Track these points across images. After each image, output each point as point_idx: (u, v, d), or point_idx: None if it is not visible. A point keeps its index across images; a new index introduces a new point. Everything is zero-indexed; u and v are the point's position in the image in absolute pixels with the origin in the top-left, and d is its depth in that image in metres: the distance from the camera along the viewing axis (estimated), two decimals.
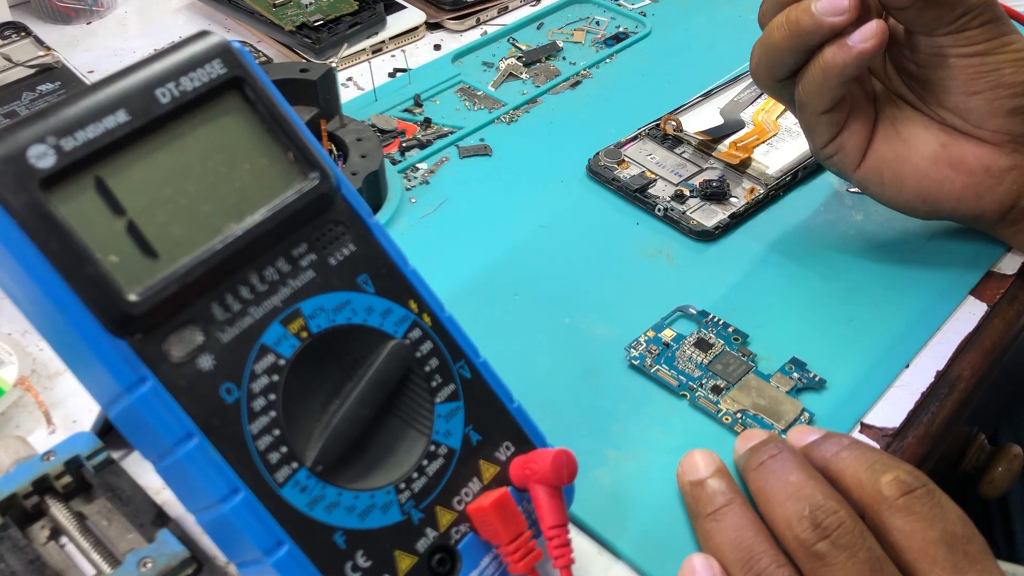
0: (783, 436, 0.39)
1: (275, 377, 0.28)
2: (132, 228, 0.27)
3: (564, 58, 0.66)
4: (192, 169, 0.28)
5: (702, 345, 0.44)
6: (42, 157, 0.25)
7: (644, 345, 0.44)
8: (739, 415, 0.40)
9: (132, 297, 0.26)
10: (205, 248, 0.27)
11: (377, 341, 0.31)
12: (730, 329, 0.45)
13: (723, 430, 0.40)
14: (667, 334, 0.44)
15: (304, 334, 0.29)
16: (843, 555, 0.31)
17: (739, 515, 0.34)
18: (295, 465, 0.28)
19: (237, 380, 0.27)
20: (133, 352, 0.26)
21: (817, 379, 0.42)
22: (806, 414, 0.40)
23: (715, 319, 0.45)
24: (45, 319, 0.27)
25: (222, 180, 0.28)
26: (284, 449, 0.28)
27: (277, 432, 0.28)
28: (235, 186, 0.29)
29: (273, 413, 0.28)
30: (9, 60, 0.57)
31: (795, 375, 0.42)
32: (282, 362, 0.28)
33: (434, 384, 0.32)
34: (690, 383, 0.42)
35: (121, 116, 0.27)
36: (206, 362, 0.27)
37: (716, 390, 0.42)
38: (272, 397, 0.28)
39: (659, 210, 0.51)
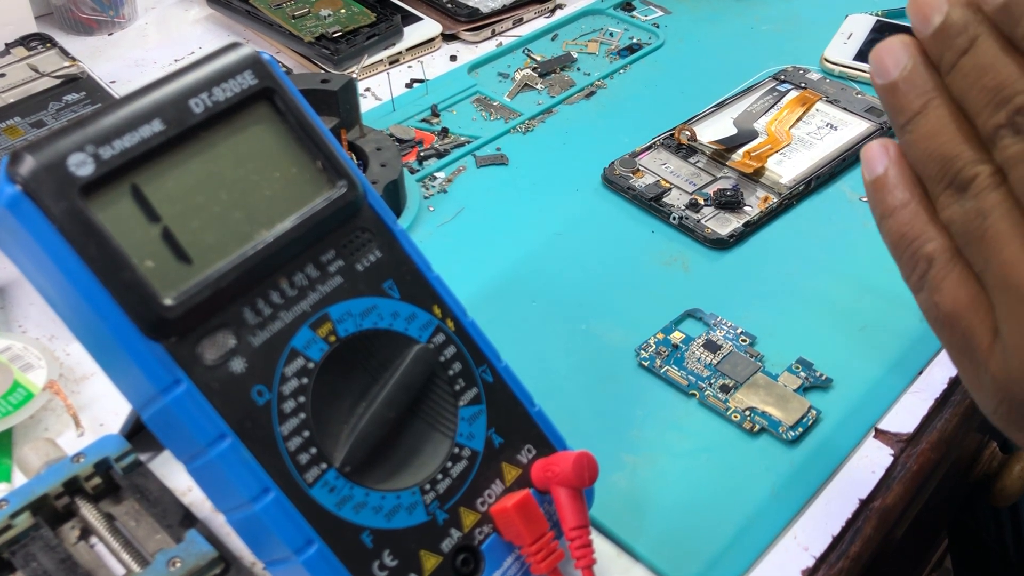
0: None
1: (304, 380, 0.29)
2: (167, 234, 0.27)
3: (579, 69, 0.66)
4: (224, 177, 0.29)
5: (711, 346, 0.44)
6: (82, 165, 0.26)
7: (654, 347, 0.44)
8: (747, 412, 0.41)
9: (167, 301, 0.27)
10: (237, 254, 0.28)
11: (402, 345, 0.31)
12: (738, 331, 0.45)
13: (735, 431, 0.41)
14: (676, 336, 0.45)
15: (332, 338, 0.30)
16: None
17: (934, 120, 0.27)
18: (324, 466, 0.29)
19: (268, 383, 0.28)
20: (168, 355, 0.27)
21: (824, 378, 0.43)
22: (813, 411, 0.41)
23: (723, 321, 0.46)
24: (82, 322, 0.28)
25: (253, 188, 0.29)
26: (313, 450, 0.29)
27: (307, 433, 0.29)
28: (265, 194, 0.29)
29: (303, 415, 0.29)
30: (36, 71, 0.58)
31: (802, 374, 0.43)
32: (311, 365, 0.29)
33: (457, 388, 0.32)
34: (699, 383, 0.43)
35: (156, 125, 0.28)
36: (238, 365, 0.28)
37: (724, 389, 0.42)
38: (302, 399, 0.29)
39: (674, 218, 0.52)
